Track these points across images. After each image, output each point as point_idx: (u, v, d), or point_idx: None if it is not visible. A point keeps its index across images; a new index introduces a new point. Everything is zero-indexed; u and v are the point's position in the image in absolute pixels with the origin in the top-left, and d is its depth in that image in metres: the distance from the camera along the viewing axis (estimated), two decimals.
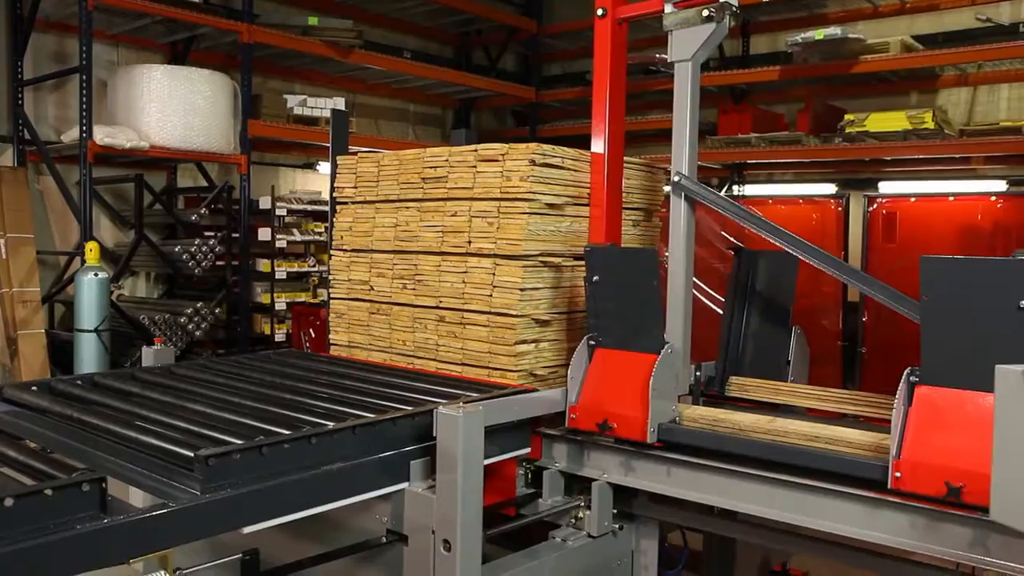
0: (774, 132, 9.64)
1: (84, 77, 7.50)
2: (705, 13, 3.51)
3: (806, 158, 9.52)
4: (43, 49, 8.50)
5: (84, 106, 7.52)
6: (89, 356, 7.17)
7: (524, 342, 3.66)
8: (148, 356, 4.03)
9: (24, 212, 8.05)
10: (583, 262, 3.79)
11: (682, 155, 3.58)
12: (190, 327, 8.06)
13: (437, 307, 3.96)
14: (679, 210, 3.51)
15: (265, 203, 8.80)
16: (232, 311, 8.90)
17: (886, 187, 9.74)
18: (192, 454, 2.41)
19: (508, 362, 3.65)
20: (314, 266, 9.18)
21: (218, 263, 8.51)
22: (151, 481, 2.51)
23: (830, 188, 10.29)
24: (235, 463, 2.44)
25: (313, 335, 7.81)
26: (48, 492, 2.10)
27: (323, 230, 9.20)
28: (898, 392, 2.56)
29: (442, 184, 3.96)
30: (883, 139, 8.51)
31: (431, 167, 4.02)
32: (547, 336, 3.77)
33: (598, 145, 3.80)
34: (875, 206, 7.38)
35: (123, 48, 9.08)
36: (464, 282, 3.85)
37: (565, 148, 3.81)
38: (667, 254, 3.59)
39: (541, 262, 3.70)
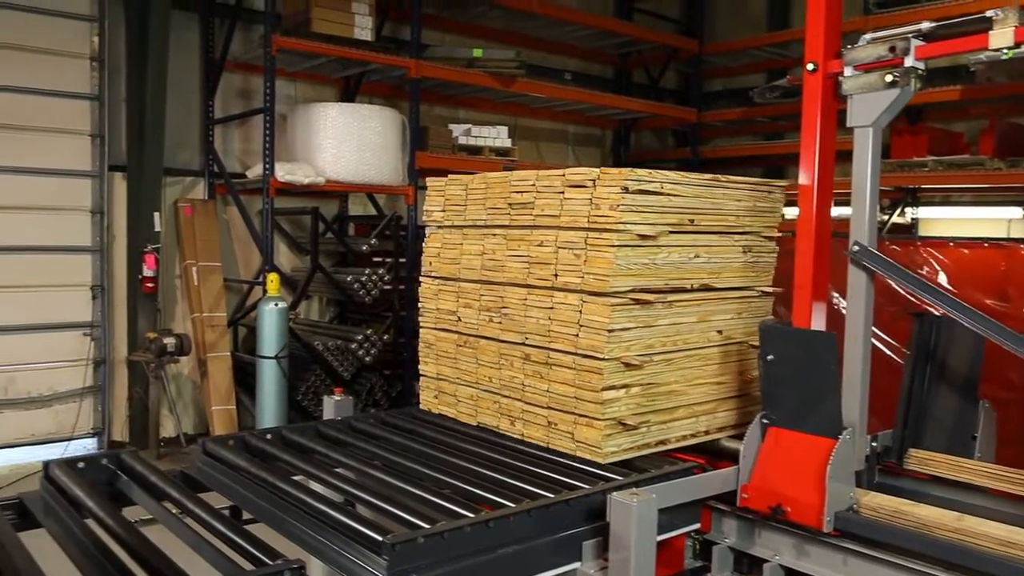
0: (953, 155, 9.12)
1: (267, 117, 8.01)
2: (889, 78, 3.38)
3: (989, 184, 8.94)
4: (230, 87, 9.14)
5: (267, 144, 8.02)
6: (270, 381, 7.66)
7: (612, 388, 3.34)
8: (329, 407, 4.26)
9: (213, 242, 8.68)
10: (681, 296, 3.58)
11: (862, 223, 3.45)
12: (360, 352, 8.44)
13: (523, 343, 3.67)
14: (858, 283, 3.39)
15: None
16: (398, 335, 9.25)
17: None
18: (380, 537, 2.54)
19: (594, 409, 3.35)
20: None
21: (385, 288, 8.87)
22: (339, 557, 2.67)
23: (1016, 212, 9.65)
24: (419, 547, 2.55)
25: None
26: None
27: None
28: None
29: (529, 210, 3.66)
30: None
31: (518, 192, 3.72)
32: (639, 380, 3.43)
33: (806, 203, 3.55)
34: None
35: (300, 83, 9.63)
36: (550, 318, 3.54)
37: (665, 172, 3.48)
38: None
39: (632, 299, 3.36)
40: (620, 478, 3.18)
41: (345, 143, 8.34)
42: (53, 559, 2.66)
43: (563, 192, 3.51)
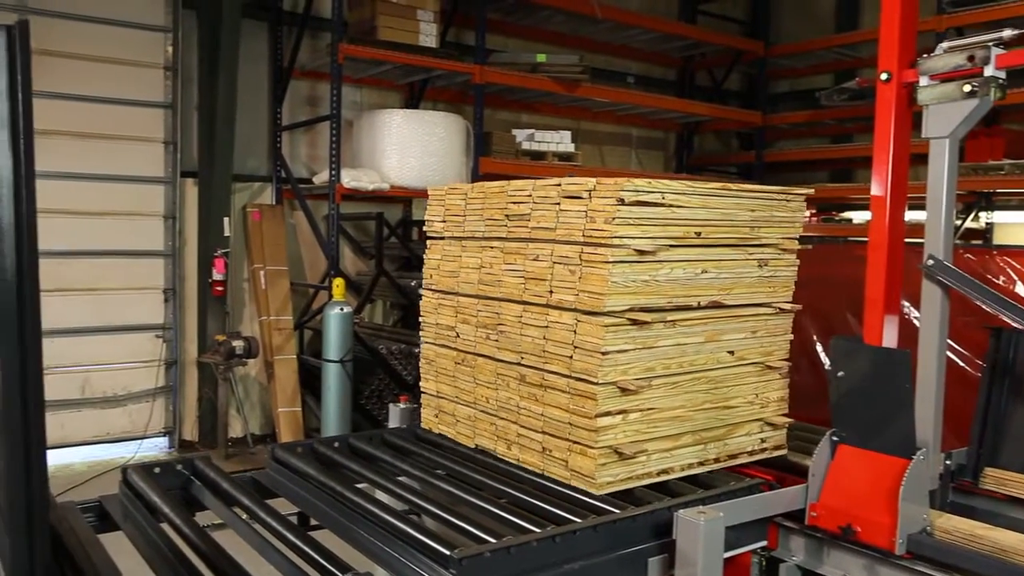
0: None
1: (334, 124, 8.14)
2: (967, 88, 3.29)
3: None
4: (297, 94, 9.31)
5: (333, 150, 8.15)
6: (334, 384, 7.78)
7: (607, 414, 3.13)
8: (395, 415, 4.31)
9: (280, 246, 8.85)
10: (687, 314, 3.34)
11: (937, 236, 3.37)
12: None
13: (519, 364, 3.47)
14: (933, 298, 3.31)
15: None
16: None
17: None
18: (447, 551, 2.56)
19: (587, 437, 3.14)
20: None
21: None
22: (406, 568, 2.70)
23: None
24: (486, 561, 2.57)
25: None
26: None
27: None
28: None
29: (525, 223, 3.46)
30: None
31: (515, 202, 3.52)
32: (638, 405, 3.21)
33: (878, 215, 3.44)
34: None
35: (366, 89, 9.76)
36: (545, 338, 3.33)
37: (667, 181, 3.23)
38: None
39: (629, 320, 3.13)
40: (685, 496, 3.16)
41: (410, 149, 8.43)
42: (130, 560, 2.75)
43: (559, 203, 3.30)
